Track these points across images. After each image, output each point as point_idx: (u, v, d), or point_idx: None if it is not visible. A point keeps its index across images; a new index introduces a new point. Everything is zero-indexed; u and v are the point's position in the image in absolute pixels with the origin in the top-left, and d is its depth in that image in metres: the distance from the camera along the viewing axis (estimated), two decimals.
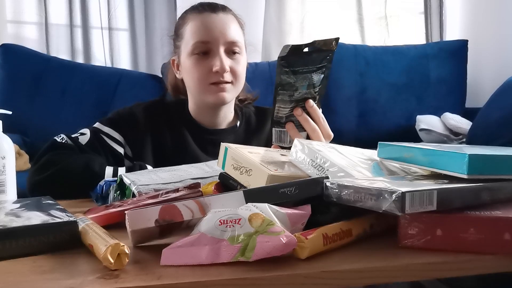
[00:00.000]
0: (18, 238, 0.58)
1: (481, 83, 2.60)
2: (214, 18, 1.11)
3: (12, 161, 0.84)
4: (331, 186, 0.61)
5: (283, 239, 0.52)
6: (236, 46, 1.12)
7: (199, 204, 0.58)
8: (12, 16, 2.49)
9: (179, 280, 0.50)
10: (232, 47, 1.12)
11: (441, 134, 2.19)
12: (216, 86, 1.11)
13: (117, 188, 0.87)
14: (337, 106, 2.40)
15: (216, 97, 1.12)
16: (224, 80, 1.10)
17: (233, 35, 1.12)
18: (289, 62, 0.87)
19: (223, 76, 1.10)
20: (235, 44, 1.12)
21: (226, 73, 1.10)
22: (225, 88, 1.11)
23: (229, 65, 1.10)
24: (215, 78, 1.10)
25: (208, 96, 1.13)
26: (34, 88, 2.25)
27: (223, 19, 1.12)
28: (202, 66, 1.11)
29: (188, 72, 1.14)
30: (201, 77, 1.11)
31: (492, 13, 2.62)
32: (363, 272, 0.53)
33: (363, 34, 2.83)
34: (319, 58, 0.91)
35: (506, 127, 1.67)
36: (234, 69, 1.12)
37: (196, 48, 1.11)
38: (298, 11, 2.75)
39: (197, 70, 1.11)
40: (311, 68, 0.91)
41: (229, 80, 1.11)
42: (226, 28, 1.11)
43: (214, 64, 1.09)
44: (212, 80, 1.11)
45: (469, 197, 0.60)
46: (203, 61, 1.11)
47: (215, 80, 1.10)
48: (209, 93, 1.12)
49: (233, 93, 1.16)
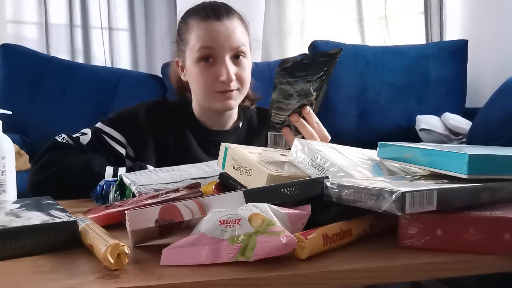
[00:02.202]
0: (18, 238, 0.58)
1: (481, 83, 2.60)
2: (219, 26, 1.11)
3: (12, 161, 0.84)
4: (331, 186, 0.61)
5: (283, 239, 0.52)
6: (241, 51, 1.13)
7: (199, 204, 0.58)
8: (12, 16, 2.49)
9: (179, 280, 0.50)
10: (237, 52, 1.12)
11: (441, 134, 2.19)
12: (223, 94, 1.12)
13: (117, 188, 0.87)
14: (337, 106, 2.40)
15: (223, 104, 1.13)
16: (231, 89, 1.11)
17: (237, 41, 1.12)
18: (289, 72, 0.86)
19: (230, 86, 1.11)
20: (239, 49, 1.12)
21: (232, 82, 1.11)
22: (231, 96, 1.12)
23: (235, 72, 1.11)
24: (222, 87, 1.11)
25: (215, 103, 1.14)
26: (34, 88, 2.25)
27: (228, 26, 1.11)
28: (208, 75, 1.11)
29: (194, 78, 1.15)
30: (207, 85, 1.12)
31: (492, 13, 2.62)
32: (363, 272, 0.53)
33: (363, 34, 2.83)
34: (320, 67, 0.90)
35: (506, 127, 1.67)
36: (240, 76, 1.12)
37: (202, 55, 1.11)
38: (298, 11, 2.75)
39: (203, 78, 1.12)
40: (311, 78, 0.90)
41: (235, 88, 1.12)
42: (231, 35, 1.11)
43: (221, 73, 1.09)
44: (219, 89, 1.12)
45: (469, 197, 0.60)
46: (209, 69, 1.11)
47: (222, 89, 1.11)
48: (216, 100, 1.13)
49: (240, 99, 1.17)
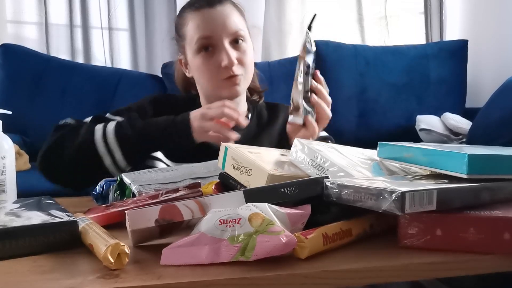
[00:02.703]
0: (18, 238, 0.58)
1: (481, 83, 2.60)
2: (212, 13, 1.12)
3: (12, 161, 0.84)
4: (331, 186, 0.61)
5: (283, 238, 0.52)
6: (240, 35, 1.13)
7: (199, 204, 0.58)
8: (12, 16, 2.49)
9: (179, 280, 0.50)
10: (235, 37, 1.13)
11: (441, 134, 2.19)
12: (229, 80, 1.12)
13: (117, 188, 0.87)
14: (337, 106, 2.39)
15: (229, 91, 1.13)
16: (235, 74, 1.11)
17: (234, 25, 1.12)
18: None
19: (233, 70, 1.11)
20: (237, 33, 1.13)
21: (235, 66, 1.11)
22: (236, 80, 1.12)
23: (236, 57, 1.11)
24: (226, 73, 1.11)
25: (222, 91, 1.13)
26: (34, 88, 2.25)
27: (221, 12, 1.12)
28: (210, 64, 1.12)
29: (198, 70, 1.15)
30: (212, 74, 1.12)
31: (492, 13, 2.62)
32: (363, 272, 0.53)
33: (363, 34, 2.83)
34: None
35: (506, 127, 1.67)
36: (242, 60, 1.13)
37: (201, 45, 1.12)
38: (298, 11, 2.75)
39: (207, 68, 1.12)
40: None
41: (239, 73, 1.12)
42: (226, 20, 1.12)
43: (222, 59, 1.10)
44: (223, 76, 1.11)
45: (469, 197, 0.60)
46: (210, 58, 1.12)
47: (226, 75, 1.11)
48: (223, 88, 1.13)
49: (245, 84, 1.17)
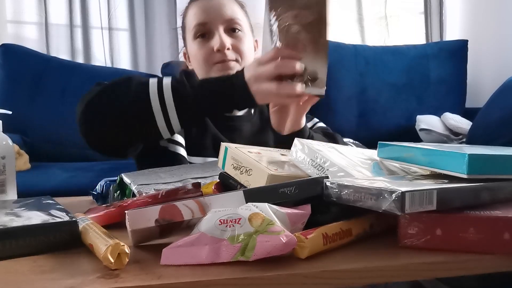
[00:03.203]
0: (18, 238, 0.58)
1: (481, 83, 2.61)
2: (210, 2, 1.13)
3: (12, 161, 0.84)
4: (331, 186, 0.61)
5: (283, 238, 0.52)
6: (236, 23, 1.12)
7: (199, 204, 0.58)
8: (12, 16, 2.50)
9: (179, 279, 0.50)
10: (231, 25, 1.12)
11: (441, 134, 2.19)
12: (221, 64, 1.10)
13: (117, 188, 0.87)
14: (337, 106, 2.40)
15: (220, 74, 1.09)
16: (228, 58, 1.10)
17: (230, 12, 1.12)
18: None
19: (226, 54, 1.09)
20: (234, 21, 1.12)
21: (228, 51, 1.09)
22: (229, 65, 1.10)
23: (230, 43, 1.10)
24: (218, 57, 1.10)
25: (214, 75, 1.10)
26: (34, 88, 2.25)
27: (219, 1, 1.13)
28: (204, 48, 1.12)
29: (194, 57, 1.15)
30: (205, 58, 1.12)
31: (492, 13, 2.62)
32: (363, 272, 0.53)
33: (363, 34, 2.83)
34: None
35: (506, 127, 1.67)
36: (237, 47, 1.11)
37: (196, 31, 1.12)
38: None
39: (200, 52, 1.12)
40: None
41: (232, 58, 1.10)
42: (222, 7, 1.12)
43: (215, 43, 1.10)
44: (216, 60, 1.10)
45: (469, 197, 0.60)
46: (205, 44, 1.12)
47: (218, 59, 1.10)
48: (214, 72, 1.11)
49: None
